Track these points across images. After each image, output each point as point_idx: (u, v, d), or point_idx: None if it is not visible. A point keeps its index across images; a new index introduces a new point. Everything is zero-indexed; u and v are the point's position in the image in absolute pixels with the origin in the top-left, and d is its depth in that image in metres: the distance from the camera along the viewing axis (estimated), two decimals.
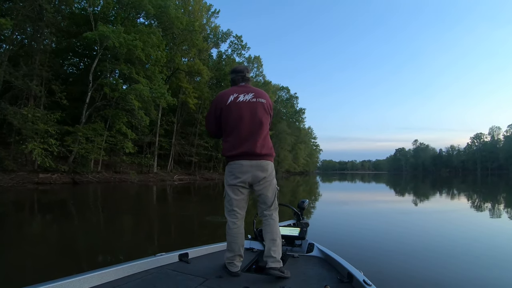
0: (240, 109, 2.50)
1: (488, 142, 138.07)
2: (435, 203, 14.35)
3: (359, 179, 50.25)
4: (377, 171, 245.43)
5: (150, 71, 24.92)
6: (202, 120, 37.49)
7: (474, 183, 36.83)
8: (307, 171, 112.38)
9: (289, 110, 76.21)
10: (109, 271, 2.09)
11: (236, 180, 2.50)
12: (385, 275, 3.92)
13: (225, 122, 2.53)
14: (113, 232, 6.94)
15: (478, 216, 10.27)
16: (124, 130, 23.76)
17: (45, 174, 20.87)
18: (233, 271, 2.37)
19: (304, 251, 3.03)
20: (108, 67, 22.83)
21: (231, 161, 2.53)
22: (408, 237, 6.45)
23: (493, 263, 4.62)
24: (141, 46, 22.04)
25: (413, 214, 10.71)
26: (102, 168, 26.17)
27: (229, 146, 2.51)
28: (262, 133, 2.55)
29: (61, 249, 5.24)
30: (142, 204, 13.27)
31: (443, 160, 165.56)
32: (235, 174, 2.50)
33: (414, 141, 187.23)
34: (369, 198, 17.35)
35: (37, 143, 18.77)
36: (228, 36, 42.43)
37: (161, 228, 7.69)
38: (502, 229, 7.74)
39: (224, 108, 2.52)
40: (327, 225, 7.90)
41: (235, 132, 2.50)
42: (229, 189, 2.55)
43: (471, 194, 19.75)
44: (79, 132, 21.83)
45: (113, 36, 20.50)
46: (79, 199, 13.79)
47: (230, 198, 2.54)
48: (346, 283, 2.13)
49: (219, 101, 2.56)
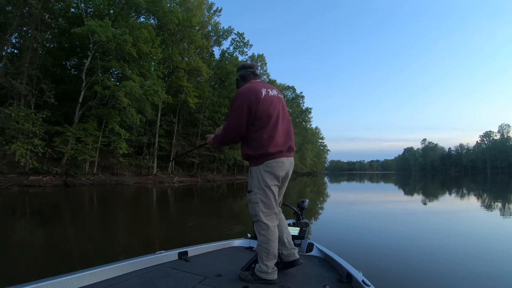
0: (275, 104, 2.40)
1: (498, 141, 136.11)
2: (443, 203, 14.26)
3: (367, 180, 49.97)
4: (386, 171, 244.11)
5: (145, 68, 23.84)
6: (203, 120, 36.53)
7: (484, 182, 36.63)
8: (315, 172, 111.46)
9: (295, 109, 74.15)
10: (108, 269, 2.09)
11: (276, 181, 2.36)
12: (385, 275, 3.92)
13: (260, 117, 2.31)
14: (76, 248, 5.73)
15: (485, 217, 9.93)
16: (118, 130, 22.60)
17: (36, 176, 19.96)
18: (275, 278, 2.27)
19: (303, 250, 2.98)
20: (99, 63, 21.79)
21: (271, 159, 2.32)
22: (409, 238, 6.37)
23: (495, 265, 4.53)
24: (131, 40, 20.91)
25: (419, 215, 10.51)
26: (98, 170, 25.16)
27: (269, 142, 2.30)
28: (292, 129, 2.53)
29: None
30: (124, 211, 11.92)
31: (452, 159, 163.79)
32: (277, 173, 2.34)
33: (423, 140, 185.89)
34: (376, 199, 17.08)
35: (21, 143, 17.75)
36: (229, 34, 41.39)
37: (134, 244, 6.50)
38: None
39: (260, 102, 2.31)
40: (329, 225, 7.93)
41: (275, 127, 2.35)
42: (269, 191, 2.33)
43: (480, 193, 19.42)
44: (68, 132, 20.81)
45: (100, 30, 19.39)
46: (58, 204, 12.63)
47: (271, 201, 2.34)
48: (345, 283, 2.13)
49: (252, 95, 2.32)
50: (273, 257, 2.29)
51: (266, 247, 2.28)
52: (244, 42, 41.71)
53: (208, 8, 39.84)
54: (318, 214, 9.89)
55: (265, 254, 2.27)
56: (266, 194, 2.31)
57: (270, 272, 2.24)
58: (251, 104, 2.29)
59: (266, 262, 2.26)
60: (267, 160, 2.30)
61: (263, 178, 2.31)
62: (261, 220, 2.30)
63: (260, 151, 2.30)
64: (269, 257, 2.27)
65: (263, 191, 2.31)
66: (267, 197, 2.31)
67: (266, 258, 2.27)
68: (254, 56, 50.22)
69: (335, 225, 7.94)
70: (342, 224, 8.05)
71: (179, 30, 28.86)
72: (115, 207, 12.38)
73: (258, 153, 2.31)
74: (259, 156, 2.31)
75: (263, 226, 2.30)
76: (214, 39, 40.99)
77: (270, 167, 2.30)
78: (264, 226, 2.30)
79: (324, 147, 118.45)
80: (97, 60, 21.83)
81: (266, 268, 2.24)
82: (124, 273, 2.16)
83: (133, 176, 27.15)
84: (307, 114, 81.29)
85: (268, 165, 2.30)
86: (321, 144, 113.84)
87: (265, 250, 2.28)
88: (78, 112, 22.32)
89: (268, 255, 2.27)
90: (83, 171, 22.76)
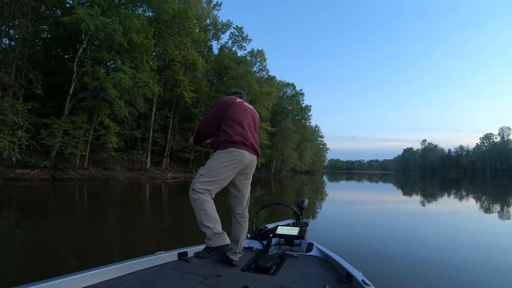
0: (246, 110, 2.74)
1: (498, 143, 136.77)
2: (442, 204, 14.02)
3: (366, 179, 49.57)
4: (385, 171, 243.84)
5: (138, 61, 23.10)
6: (200, 115, 35.79)
7: (483, 184, 36.55)
8: (314, 170, 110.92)
9: (294, 107, 73.09)
10: (108, 269, 2.06)
11: (233, 166, 2.50)
12: (385, 275, 3.88)
13: (231, 117, 2.61)
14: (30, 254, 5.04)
15: (484, 218, 9.86)
16: (107, 123, 21.95)
17: (24, 169, 19.38)
18: (228, 242, 2.37)
19: (303, 250, 2.97)
20: (89, 54, 21.08)
21: (234, 147, 2.52)
22: (410, 238, 6.35)
23: (496, 266, 4.47)
24: (121, 30, 20.11)
25: (417, 215, 10.43)
26: (89, 164, 24.58)
27: (235, 134, 2.54)
28: (258, 136, 2.79)
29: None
30: (103, 207, 11.09)
31: (452, 160, 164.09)
32: (236, 159, 2.51)
33: (423, 141, 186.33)
34: (374, 199, 16.83)
35: (4, 135, 17.05)
36: (228, 27, 40.41)
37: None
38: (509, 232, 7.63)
39: (233, 105, 2.65)
40: (329, 224, 7.85)
41: (242, 127, 2.61)
42: (220, 171, 2.46)
43: (480, 195, 19.43)
44: (55, 124, 20.10)
45: (89, 19, 18.58)
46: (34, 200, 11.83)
47: (211, 179, 2.43)
48: (345, 283, 2.12)
49: (227, 101, 2.70)
50: (212, 219, 2.33)
51: (203, 209, 2.33)
52: (243, 37, 40.77)
53: (208, 2, 39.13)
54: (317, 214, 9.81)
55: (204, 216, 2.32)
56: (214, 172, 2.43)
57: (218, 234, 2.29)
58: (224, 105, 2.64)
59: (207, 224, 2.31)
60: (230, 147, 2.49)
61: (222, 159, 2.47)
62: (196, 188, 2.37)
63: (226, 138, 2.52)
64: (207, 218, 2.32)
65: (213, 168, 2.45)
66: (215, 174, 2.43)
67: (205, 219, 2.32)
68: (254, 51, 49.47)
69: (335, 224, 7.89)
70: (342, 224, 8.02)
71: (176, 22, 28.04)
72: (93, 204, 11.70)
73: (224, 140, 2.53)
74: (224, 142, 2.52)
75: (196, 194, 2.36)
76: (212, 33, 40.15)
77: (231, 153, 2.48)
78: (198, 193, 2.36)
79: (323, 146, 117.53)
80: (87, 51, 21.11)
81: (211, 231, 2.29)
82: (124, 274, 2.13)
83: (126, 171, 26.47)
84: (307, 112, 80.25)
85: (231, 152, 2.48)
86: (321, 142, 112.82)
87: (203, 213, 2.33)
88: (68, 105, 21.63)
89: (206, 215, 2.32)
90: (73, 165, 22.15)
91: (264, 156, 51.51)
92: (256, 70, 51.79)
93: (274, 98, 49.71)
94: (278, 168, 67.66)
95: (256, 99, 42.68)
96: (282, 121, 60.78)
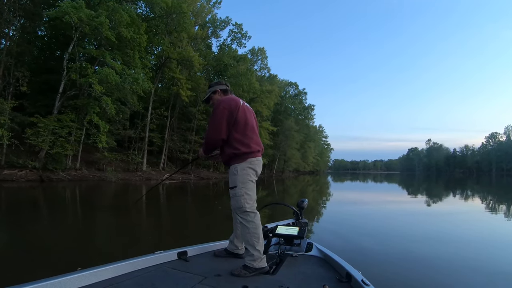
0: (250, 111, 2.76)
1: (504, 142, 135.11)
2: (446, 204, 13.99)
3: (371, 179, 49.10)
4: (389, 171, 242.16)
5: (129, 57, 22.24)
6: (198, 114, 34.91)
7: (489, 184, 36.33)
8: (318, 171, 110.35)
9: (297, 106, 71.91)
10: (108, 269, 2.07)
11: (255, 176, 2.63)
12: (384, 275, 3.85)
13: (240, 122, 2.59)
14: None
15: (489, 220, 9.52)
16: (96, 121, 21.06)
17: (12, 170, 18.62)
18: (267, 266, 2.40)
19: (303, 250, 2.96)
20: (76, 50, 20.25)
21: (252, 157, 2.59)
22: (410, 238, 6.32)
23: (496, 265, 4.47)
24: (107, 23, 19.19)
25: (420, 216, 10.30)
26: (82, 165, 23.72)
27: (250, 143, 2.59)
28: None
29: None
30: (77, 213, 10.20)
31: (457, 160, 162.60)
32: (257, 169, 2.62)
33: (428, 141, 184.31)
34: (378, 199, 16.73)
35: None
36: (227, 24, 39.40)
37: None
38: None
39: (240, 109, 2.61)
40: (329, 224, 7.86)
41: (253, 131, 2.66)
42: (252, 184, 2.59)
43: (485, 195, 19.25)
44: (41, 123, 19.25)
45: (72, 11, 17.68)
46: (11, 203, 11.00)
47: (254, 193, 2.58)
48: (344, 283, 2.12)
49: (232, 104, 2.61)
50: (262, 243, 2.43)
51: (256, 232, 2.44)
52: (242, 34, 39.69)
53: (207, 1, 38.10)
54: (319, 214, 9.80)
55: (256, 239, 2.41)
56: (250, 187, 2.55)
57: (263, 258, 2.36)
58: (232, 110, 2.57)
59: (258, 248, 2.38)
60: (249, 158, 2.58)
61: (247, 173, 2.55)
62: (248, 210, 2.49)
63: (243, 149, 2.56)
64: (259, 242, 2.41)
65: (247, 185, 2.53)
66: (251, 189, 2.55)
67: (257, 243, 2.40)
68: (254, 49, 48.59)
69: (335, 224, 7.85)
70: (342, 224, 8.01)
71: (171, 19, 27.20)
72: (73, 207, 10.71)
73: (242, 151, 2.56)
74: (243, 154, 2.56)
75: (251, 215, 2.48)
76: (211, 31, 39.23)
77: (252, 164, 2.59)
78: (252, 214, 2.49)
79: (327, 146, 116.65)
80: (75, 47, 20.29)
81: (259, 254, 2.35)
82: (124, 273, 2.13)
83: (120, 172, 25.64)
84: (310, 111, 79.04)
85: (251, 162, 2.59)
86: (325, 142, 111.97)
87: (255, 236, 2.42)
88: (57, 103, 20.79)
89: (258, 240, 2.41)
90: (63, 166, 21.29)
91: (266, 156, 50.53)
92: (257, 68, 50.88)
93: (276, 96, 48.62)
94: (281, 169, 66.81)
95: (257, 97, 41.89)
96: (284, 121, 59.86)
